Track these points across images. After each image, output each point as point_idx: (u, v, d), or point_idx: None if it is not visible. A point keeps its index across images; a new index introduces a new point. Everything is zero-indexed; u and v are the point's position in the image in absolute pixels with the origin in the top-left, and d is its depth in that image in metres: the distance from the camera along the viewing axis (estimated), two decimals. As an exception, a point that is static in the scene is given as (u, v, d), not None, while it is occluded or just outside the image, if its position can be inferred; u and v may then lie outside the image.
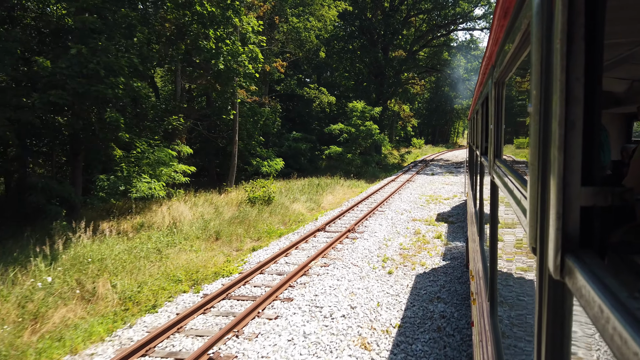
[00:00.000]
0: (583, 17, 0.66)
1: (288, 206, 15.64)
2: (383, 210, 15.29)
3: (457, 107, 62.45)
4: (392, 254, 9.76)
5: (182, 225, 11.53)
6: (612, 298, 0.50)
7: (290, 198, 17.16)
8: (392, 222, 13.31)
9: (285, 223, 14.11)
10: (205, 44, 11.62)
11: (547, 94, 0.78)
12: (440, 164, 37.26)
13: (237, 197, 16.57)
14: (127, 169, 13.98)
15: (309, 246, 10.38)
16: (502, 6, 1.50)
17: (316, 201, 17.38)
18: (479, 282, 3.15)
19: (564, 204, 0.69)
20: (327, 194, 19.53)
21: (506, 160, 1.87)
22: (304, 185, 20.96)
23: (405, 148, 57.16)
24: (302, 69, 34.59)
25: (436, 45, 38.95)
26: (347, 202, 17.72)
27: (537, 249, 0.84)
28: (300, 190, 19.48)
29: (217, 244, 11.07)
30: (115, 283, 7.64)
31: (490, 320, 2.12)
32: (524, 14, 1.07)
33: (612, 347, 0.48)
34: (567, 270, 0.67)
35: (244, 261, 9.50)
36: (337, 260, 9.18)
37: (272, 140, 28.04)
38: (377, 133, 27.94)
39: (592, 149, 0.68)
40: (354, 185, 23.22)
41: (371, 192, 19.35)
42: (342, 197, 19.52)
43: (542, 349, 0.80)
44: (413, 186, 22.03)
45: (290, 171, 28.28)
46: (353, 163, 27.49)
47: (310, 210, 16.32)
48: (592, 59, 0.66)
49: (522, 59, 1.30)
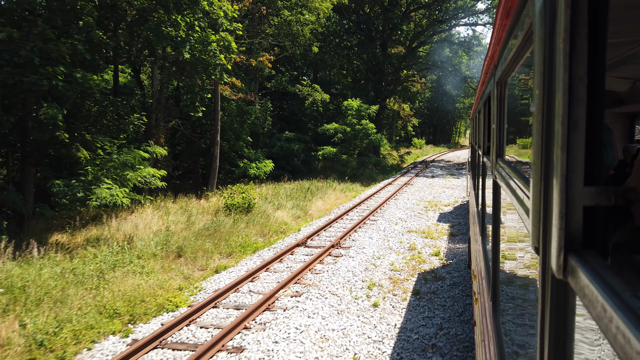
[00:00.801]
0: (586, 16, 0.66)
1: (270, 214, 14.04)
2: (376, 219, 13.68)
3: (459, 106, 60.82)
4: (380, 278, 8.15)
5: (138, 240, 9.94)
6: (615, 297, 0.50)
7: (274, 204, 15.57)
8: (385, 234, 11.70)
9: (264, 234, 12.52)
10: (169, 31, 10.04)
11: (549, 94, 0.79)
12: (441, 165, 35.62)
13: (217, 203, 14.99)
14: (94, 172, 12.48)
15: (283, 267, 8.78)
16: (504, 5, 1.53)
17: (303, 208, 15.78)
18: (481, 281, 3.12)
19: (566, 204, 0.69)
20: (317, 199, 17.93)
21: (508, 160, 1.87)
22: (293, 189, 19.36)
23: (405, 148, 55.56)
24: (297, 65, 33.02)
25: (437, 42, 37.30)
26: (337, 209, 16.12)
27: (540, 248, 0.86)
28: (288, 195, 17.89)
29: (178, 262, 9.48)
30: (26, 322, 6.06)
31: (493, 319, 2.11)
32: (527, 13, 1.08)
33: (615, 346, 0.48)
34: (570, 269, 0.67)
35: (199, 288, 7.91)
36: (312, 287, 7.58)
37: (263, 141, 26.47)
38: (373, 133, 26.33)
39: (595, 149, 0.68)
40: (348, 189, 21.62)
41: (365, 197, 17.74)
42: (333, 202, 17.92)
43: (544, 348, 0.81)
44: (411, 190, 20.41)
45: (282, 173, 26.78)
46: (348, 165, 25.89)
47: (296, 219, 14.72)
48: (595, 58, 0.67)
49: (524, 58, 1.33)
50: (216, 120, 17.62)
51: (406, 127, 56.94)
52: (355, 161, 25.70)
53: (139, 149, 14.17)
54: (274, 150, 27.00)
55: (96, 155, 13.05)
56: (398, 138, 58.25)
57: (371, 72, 35.80)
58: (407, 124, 54.66)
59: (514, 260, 1.66)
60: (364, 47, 33.91)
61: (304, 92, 26.46)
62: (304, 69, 34.27)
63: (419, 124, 65.12)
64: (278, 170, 26.83)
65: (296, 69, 32.88)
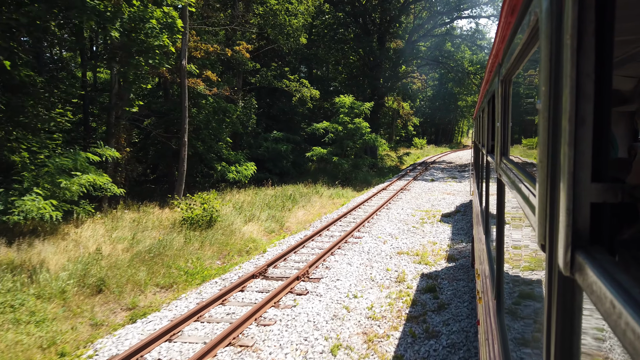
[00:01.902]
0: (593, 13, 0.66)
1: (237, 229, 11.83)
2: (361, 235, 11.45)
3: (462, 104, 58.53)
4: (350, 334, 5.92)
5: (44, 271, 7.74)
6: (624, 293, 0.50)
7: (245, 216, 13.36)
8: (368, 257, 9.49)
9: (223, 256, 10.32)
10: (96, 4, 7.86)
11: (556, 90, 0.79)
12: (442, 166, 33.34)
13: (183, 214, 12.79)
14: (29, 179, 10.44)
15: (223, 313, 6.57)
16: (509, 3, 1.54)
17: (280, 220, 13.57)
18: (485, 280, 3.13)
19: (574, 201, 0.69)
20: (299, 208, 15.72)
21: (513, 158, 1.86)
22: (274, 196, 17.15)
23: (406, 148, 53.30)
24: (287, 60, 30.84)
25: (438, 35, 34.96)
26: (319, 221, 13.90)
27: (547, 245, 0.85)
28: (266, 203, 15.68)
29: (94, 301, 7.29)
30: None
31: (497, 318, 2.12)
32: (533, 10, 1.07)
33: (624, 342, 0.48)
34: (577, 266, 0.67)
35: (97, 347, 5.70)
36: (250, 352, 5.36)
37: (247, 141, 24.29)
38: (367, 132, 24.08)
39: (602, 145, 0.68)
40: (337, 195, 19.39)
41: (354, 206, 15.52)
42: (317, 212, 15.71)
43: (551, 346, 0.80)
44: (407, 197, 18.16)
45: (268, 177, 24.63)
46: (340, 167, 23.66)
47: (268, 234, 12.52)
48: (603, 55, 0.67)
49: (529, 56, 1.32)
50: (183, 118, 15.43)
51: (406, 126, 54.67)
52: (347, 163, 23.46)
53: (87, 150, 12.03)
54: (260, 151, 24.85)
55: (32, 159, 10.96)
56: (398, 138, 55.98)
57: (368, 68, 33.56)
58: (407, 124, 52.42)
59: (518, 258, 1.66)
60: (359, 40, 31.65)
61: (292, 87, 24.22)
62: (295, 65, 32.06)
63: (420, 124, 62.84)
64: (264, 173, 24.67)
65: (287, 64, 30.70)
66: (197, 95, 19.08)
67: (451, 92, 60.00)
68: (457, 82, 38.05)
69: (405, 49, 33.63)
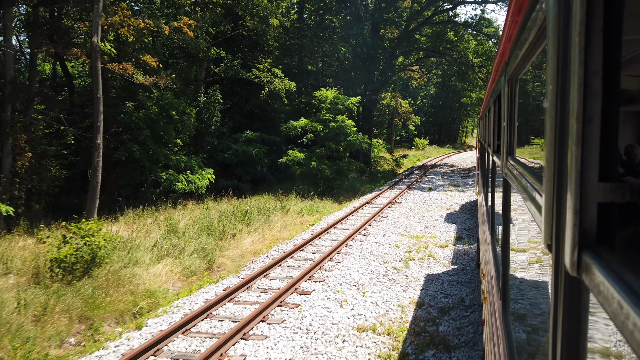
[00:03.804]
0: (602, 9, 0.65)
1: (134, 275, 8.05)
2: (309, 290, 7.63)
3: (466, 101, 54.58)
4: None
5: None
6: (632, 294, 0.49)
7: (162, 250, 9.59)
8: (306, 342, 5.70)
9: (88, 326, 6.56)
10: None
11: (564, 89, 0.78)
12: (444, 170, 29.47)
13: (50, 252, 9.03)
14: None
15: None
16: (516, 2, 1.54)
17: (211, 254, 9.78)
18: (491, 280, 3.11)
19: (581, 200, 0.68)
20: (250, 232, 11.97)
21: (519, 157, 1.84)
22: (225, 213, 13.39)
23: (406, 149, 49.45)
24: (266, 50, 27.09)
25: (438, 23, 31.06)
26: (266, 255, 10.12)
27: (553, 245, 0.85)
28: (208, 225, 11.92)
29: None
30: None
31: (502, 318, 2.11)
32: (540, 8, 1.07)
33: (632, 343, 0.47)
34: (584, 266, 0.66)
35: None
36: None
37: (210, 142, 20.58)
38: (353, 132, 20.28)
39: (610, 144, 0.67)
40: (310, 209, 15.61)
41: (323, 229, 11.76)
42: (273, 237, 11.94)
43: (557, 346, 0.80)
44: (395, 214, 14.33)
45: (236, 185, 20.96)
46: (320, 174, 19.87)
47: (186, 278, 8.75)
48: (611, 53, 0.66)
49: (536, 55, 1.32)
50: (95, 113, 11.70)
51: (406, 125, 50.79)
52: (329, 169, 19.64)
53: None
54: (228, 154, 21.14)
55: None
56: (398, 138, 52.11)
57: (360, 60, 29.76)
58: (407, 123, 48.57)
59: (524, 258, 1.64)
60: (349, 27, 27.83)
61: (263, 78, 20.44)
62: (278, 56, 28.30)
63: (422, 123, 58.99)
64: (231, 180, 20.95)
65: (267, 54, 26.94)
66: (134, 87, 15.38)
67: (455, 89, 56.00)
68: (460, 76, 34.08)
69: (402, 38, 29.78)
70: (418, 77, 39.84)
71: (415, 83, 45.63)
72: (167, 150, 16.60)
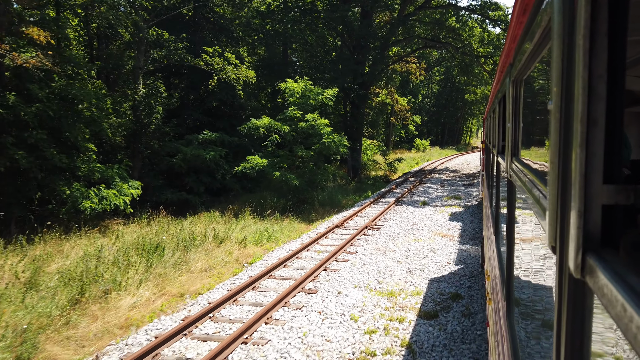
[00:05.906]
0: (606, 12, 0.65)
1: None
2: None
3: (470, 98, 50.37)
4: None
5: None
6: (636, 297, 0.49)
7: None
8: None
9: None
10: None
11: (568, 91, 0.78)
12: (443, 177, 25.39)
13: None
14: None
15: None
16: (521, 3, 1.52)
17: (37, 346, 5.80)
18: (495, 282, 3.09)
19: (585, 202, 0.68)
20: (144, 281, 8.01)
21: (524, 159, 1.82)
22: (124, 248, 9.43)
23: (406, 151, 45.37)
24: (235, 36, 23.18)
25: (437, 7, 26.96)
26: (135, 334, 6.13)
27: (557, 247, 0.84)
28: (81, 272, 7.96)
29: None
30: None
31: (507, 320, 2.10)
32: (545, 10, 1.06)
33: (635, 346, 0.47)
34: (588, 269, 0.66)
35: None
36: None
37: (150, 145, 16.65)
38: (327, 132, 16.25)
39: (614, 147, 0.67)
40: (260, 237, 11.64)
41: (260, 275, 7.82)
42: (177, 291, 7.97)
43: (561, 348, 0.79)
44: (366, 250, 10.27)
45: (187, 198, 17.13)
46: (288, 184, 15.89)
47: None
48: (615, 56, 0.66)
49: (541, 56, 1.31)
50: None
51: (406, 125, 46.69)
52: (296, 179, 15.63)
53: None
54: (176, 159, 17.26)
55: None
56: (397, 139, 48.02)
57: (348, 49, 25.79)
58: (406, 122, 44.49)
59: (528, 260, 1.64)
60: (334, 10, 23.82)
61: (215, 65, 16.46)
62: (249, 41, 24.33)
63: (424, 123, 54.90)
64: (179, 193, 17.04)
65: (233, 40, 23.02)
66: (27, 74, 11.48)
67: (459, 87, 51.79)
68: (463, 68, 29.99)
69: (397, 24, 25.72)
70: (416, 71, 35.72)
71: (415, 79, 41.44)
72: (77, 156, 12.68)
